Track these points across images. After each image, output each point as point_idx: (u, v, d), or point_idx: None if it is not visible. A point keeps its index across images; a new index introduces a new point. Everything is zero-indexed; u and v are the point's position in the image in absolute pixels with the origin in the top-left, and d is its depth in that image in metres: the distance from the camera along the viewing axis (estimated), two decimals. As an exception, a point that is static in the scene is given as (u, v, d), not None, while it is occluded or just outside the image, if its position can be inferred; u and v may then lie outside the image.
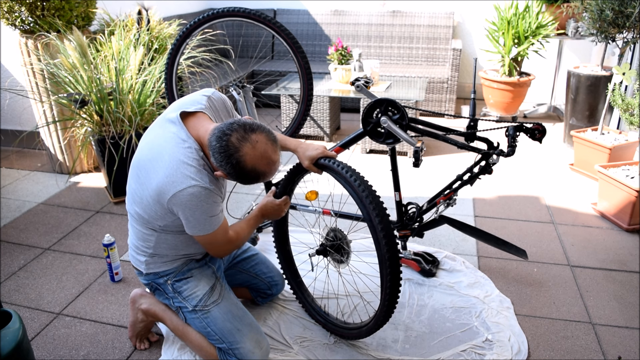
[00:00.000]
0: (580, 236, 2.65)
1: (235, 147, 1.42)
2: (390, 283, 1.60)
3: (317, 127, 4.03)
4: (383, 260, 1.58)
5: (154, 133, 1.59)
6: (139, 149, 1.61)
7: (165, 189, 1.47)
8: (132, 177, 1.61)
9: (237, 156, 1.43)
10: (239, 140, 1.42)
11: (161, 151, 1.51)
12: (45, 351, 1.90)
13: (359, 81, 2.00)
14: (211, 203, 1.50)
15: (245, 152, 1.43)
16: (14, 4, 2.99)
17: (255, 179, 1.49)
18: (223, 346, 1.69)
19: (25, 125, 3.73)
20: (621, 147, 3.11)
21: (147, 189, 1.52)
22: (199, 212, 1.48)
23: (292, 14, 5.13)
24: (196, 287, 1.72)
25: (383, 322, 1.73)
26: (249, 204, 3.03)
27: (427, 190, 3.17)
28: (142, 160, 1.57)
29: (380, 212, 1.57)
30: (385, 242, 1.56)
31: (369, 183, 1.62)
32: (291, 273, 2.08)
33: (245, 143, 1.43)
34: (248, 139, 1.43)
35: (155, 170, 1.50)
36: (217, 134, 1.44)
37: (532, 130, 1.91)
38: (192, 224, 1.51)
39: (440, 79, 4.40)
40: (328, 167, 1.68)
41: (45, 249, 2.58)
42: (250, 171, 1.45)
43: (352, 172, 1.63)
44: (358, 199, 1.60)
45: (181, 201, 1.46)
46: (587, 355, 1.86)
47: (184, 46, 2.35)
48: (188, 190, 1.45)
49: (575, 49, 4.72)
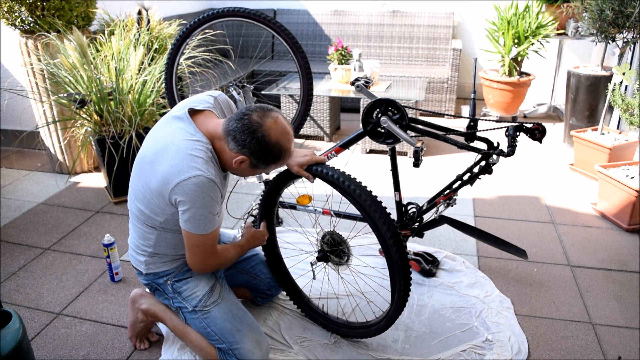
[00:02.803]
0: (580, 236, 2.65)
1: (258, 123, 1.46)
2: (403, 287, 1.65)
3: (317, 127, 4.03)
4: (395, 266, 1.61)
5: (160, 129, 1.59)
6: (144, 145, 1.61)
7: (170, 178, 1.47)
8: (136, 173, 1.61)
9: (261, 130, 1.46)
10: (260, 117, 1.47)
11: (167, 144, 1.51)
12: (45, 351, 1.90)
13: (359, 81, 2.00)
14: (213, 197, 1.49)
15: (269, 125, 1.47)
16: (14, 4, 2.99)
17: (277, 156, 1.52)
18: (223, 346, 1.70)
19: (25, 125, 3.73)
20: (621, 147, 3.11)
21: (153, 181, 1.52)
22: (199, 204, 1.47)
23: (292, 14, 5.13)
24: (196, 288, 1.72)
25: (394, 319, 1.77)
26: (248, 204, 3.03)
27: (427, 190, 3.17)
28: (147, 155, 1.56)
29: (386, 219, 1.58)
30: (396, 249, 1.59)
31: (367, 189, 1.61)
32: (283, 276, 2.04)
33: (266, 119, 1.48)
34: (269, 115, 1.49)
35: (161, 161, 1.50)
36: (235, 117, 1.48)
37: (532, 130, 1.91)
38: (189, 216, 1.49)
39: (440, 79, 4.40)
40: (322, 177, 1.66)
41: (45, 249, 2.58)
42: (275, 145, 1.49)
43: (349, 180, 1.61)
44: (362, 209, 1.60)
45: (185, 190, 1.45)
46: (587, 355, 1.86)
47: (184, 46, 2.35)
48: (193, 180, 1.45)
49: (575, 49, 4.72)
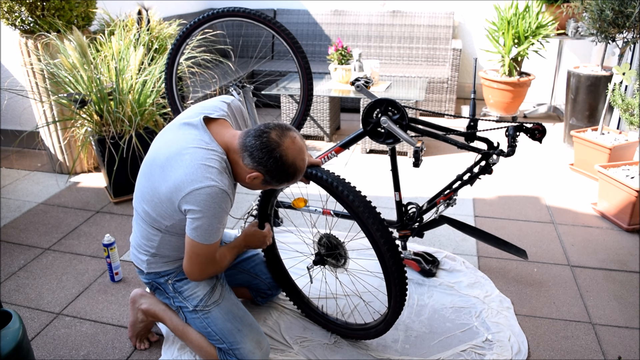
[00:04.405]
0: (580, 236, 2.65)
1: (277, 142, 1.47)
2: (399, 292, 1.63)
3: (317, 127, 4.03)
4: (390, 272, 1.60)
5: (172, 134, 1.58)
6: (155, 148, 1.60)
7: (183, 186, 1.46)
8: (144, 175, 1.60)
9: (279, 150, 1.47)
10: (279, 136, 1.48)
11: (182, 151, 1.50)
12: (45, 351, 1.90)
13: (359, 81, 2.00)
14: (224, 208, 1.49)
15: (287, 145, 1.48)
16: (14, 4, 2.99)
17: (292, 176, 1.52)
18: (223, 346, 1.70)
19: (25, 125, 3.72)
20: (621, 147, 3.11)
21: (163, 186, 1.51)
22: (210, 214, 1.47)
23: (292, 14, 5.13)
24: (197, 287, 1.72)
25: (392, 323, 1.76)
26: (248, 204, 3.03)
27: (427, 190, 3.17)
28: (158, 158, 1.55)
29: (379, 225, 1.56)
30: (390, 255, 1.58)
31: (361, 194, 1.60)
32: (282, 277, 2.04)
33: (285, 139, 1.48)
34: (288, 135, 1.49)
35: (174, 168, 1.49)
36: (253, 134, 1.48)
37: (532, 130, 1.91)
38: (198, 225, 1.48)
39: (440, 79, 4.40)
40: (317, 180, 1.66)
41: (45, 249, 2.58)
42: (291, 165, 1.49)
43: (343, 185, 1.60)
44: (355, 214, 1.59)
45: (197, 199, 1.45)
46: (587, 355, 1.86)
47: (184, 46, 2.35)
48: (206, 190, 1.44)
49: (575, 49, 4.72)
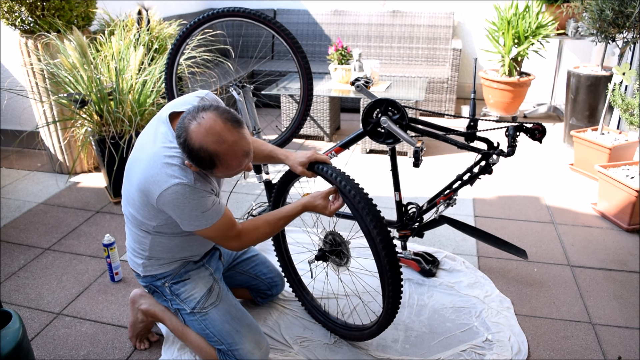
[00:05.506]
0: (580, 236, 2.65)
1: (185, 127, 1.38)
2: (392, 293, 1.61)
3: (317, 127, 4.03)
4: (384, 271, 1.58)
5: (146, 133, 1.59)
6: (133, 149, 1.62)
7: (151, 190, 1.46)
8: (125, 177, 1.61)
9: (184, 135, 1.38)
10: (189, 120, 1.38)
11: (146, 150, 1.51)
12: (45, 351, 1.90)
13: (359, 81, 2.00)
14: (198, 199, 1.46)
15: (191, 129, 1.37)
16: (14, 4, 2.99)
17: (210, 161, 1.40)
18: (222, 347, 1.69)
19: (25, 125, 3.72)
20: (621, 147, 3.11)
21: (132, 188, 1.53)
22: (187, 210, 1.47)
23: (292, 14, 5.12)
24: (194, 290, 1.72)
25: (386, 326, 1.74)
26: (249, 204, 3.03)
27: (427, 190, 3.17)
28: (130, 160, 1.58)
29: (377, 223, 1.55)
30: (385, 254, 1.56)
31: (364, 191, 1.60)
32: (290, 271, 2.08)
33: (192, 121, 1.38)
34: (197, 116, 1.38)
35: (136, 169, 1.51)
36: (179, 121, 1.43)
37: (532, 130, 1.91)
38: (185, 221, 1.50)
39: (440, 79, 4.39)
40: (322, 175, 1.66)
41: (45, 249, 2.58)
42: (199, 150, 1.37)
43: (346, 180, 1.60)
44: (355, 210, 1.58)
45: (167, 200, 1.45)
46: (587, 355, 1.86)
47: (184, 46, 2.35)
48: (172, 189, 1.44)
49: (575, 49, 4.72)
